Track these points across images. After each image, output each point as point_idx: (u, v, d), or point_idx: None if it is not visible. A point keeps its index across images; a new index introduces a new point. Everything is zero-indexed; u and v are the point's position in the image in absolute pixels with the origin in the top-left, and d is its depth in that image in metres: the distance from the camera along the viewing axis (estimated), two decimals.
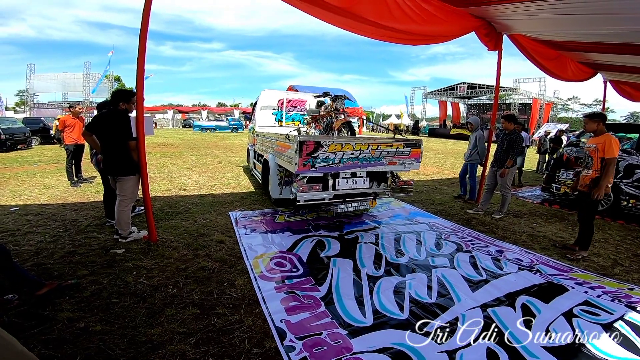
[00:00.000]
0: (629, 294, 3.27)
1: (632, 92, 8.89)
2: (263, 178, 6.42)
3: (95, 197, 6.07)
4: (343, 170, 4.37)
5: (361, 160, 4.39)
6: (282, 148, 4.81)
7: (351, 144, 4.27)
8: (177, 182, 7.69)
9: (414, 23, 4.61)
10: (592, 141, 4.28)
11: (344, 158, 4.25)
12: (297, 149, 3.96)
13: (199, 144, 18.28)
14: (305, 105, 8.47)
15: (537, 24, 5.17)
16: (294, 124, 8.13)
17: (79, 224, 4.60)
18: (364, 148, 4.35)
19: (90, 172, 7.86)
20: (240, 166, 10.58)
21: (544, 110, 32.80)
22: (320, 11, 4.27)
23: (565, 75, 7.33)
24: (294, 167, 4.05)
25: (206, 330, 2.42)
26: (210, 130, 33.26)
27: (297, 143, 3.94)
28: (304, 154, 3.98)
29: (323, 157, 4.10)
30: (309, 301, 2.90)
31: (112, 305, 2.66)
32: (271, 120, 8.12)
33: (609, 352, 2.40)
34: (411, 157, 4.79)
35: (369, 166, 4.50)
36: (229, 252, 3.87)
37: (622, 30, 4.58)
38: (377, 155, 4.49)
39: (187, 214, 5.25)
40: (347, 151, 4.24)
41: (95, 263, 3.41)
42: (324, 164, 4.15)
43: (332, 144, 4.13)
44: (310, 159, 4.03)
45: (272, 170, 5.46)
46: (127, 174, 4.02)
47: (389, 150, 4.56)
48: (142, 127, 3.85)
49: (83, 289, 2.88)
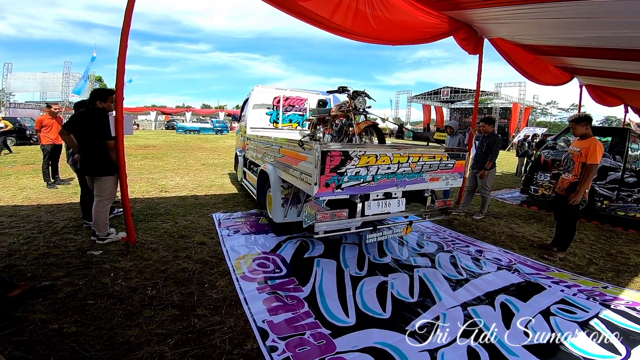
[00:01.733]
0: (603, 292, 3.37)
1: (605, 97, 9.23)
2: (259, 193, 5.19)
3: (72, 198, 5.89)
4: (376, 190, 3.46)
5: (399, 177, 3.51)
6: (290, 159, 3.81)
7: (388, 155, 3.38)
8: (159, 184, 7.54)
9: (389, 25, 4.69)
10: (577, 144, 4.19)
11: (379, 174, 3.35)
12: (317, 163, 2.99)
13: (182, 146, 18.02)
14: (304, 104, 7.31)
15: (517, 28, 5.31)
16: (292, 126, 7.22)
17: (54, 225, 4.45)
18: (404, 160, 3.48)
19: (68, 174, 7.63)
20: (224, 169, 10.46)
21: (523, 114, 33.71)
22: (311, 22, 4.40)
23: (543, 79, 7.56)
24: (313, 188, 3.06)
25: (186, 332, 2.37)
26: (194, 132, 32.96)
27: (317, 154, 2.97)
28: (327, 170, 3.02)
29: (352, 173, 3.17)
30: (292, 301, 2.88)
31: (87, 307, 2.58)
32: (265, 121, 6.93)
33: (586, 350, 2.46)
34: (454, 172, 4.01)
35: (408, 184, 3.63)
36: (211, 254, 3.81)
37: (598, 35, 4.74)
38: (418, 170, 3.65)
39: (167, 216, 5.15)
40: (383, 165, 3.36)
41: (70, 265, 3.30)
42: (353, 183, 3.21)
43: (364, 155, 3.21)
44: (335, 177, 3.09)
45: (274, 187, 4.29)
46: (105, 174, 3.92)
47: (431, 162, 3.73)
48: (121, 126, 3.77)
49: (57, 291, 2.78)
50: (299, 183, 3.54)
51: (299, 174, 3.49)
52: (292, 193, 4.21)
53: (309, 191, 3.21)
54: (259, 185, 5.10)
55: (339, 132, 4.62)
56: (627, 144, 6.07)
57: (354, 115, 4.27)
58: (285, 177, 4.07)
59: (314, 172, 3.04)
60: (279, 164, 4.29)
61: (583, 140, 4.15)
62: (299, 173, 3.49)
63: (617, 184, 6.00)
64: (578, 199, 4.02)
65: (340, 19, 4.34)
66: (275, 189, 4.27)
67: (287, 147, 3.98)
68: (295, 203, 4.27)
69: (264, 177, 4.83)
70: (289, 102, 7.13)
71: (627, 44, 4.79)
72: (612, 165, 6.09)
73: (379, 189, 3.46)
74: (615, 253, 4.62)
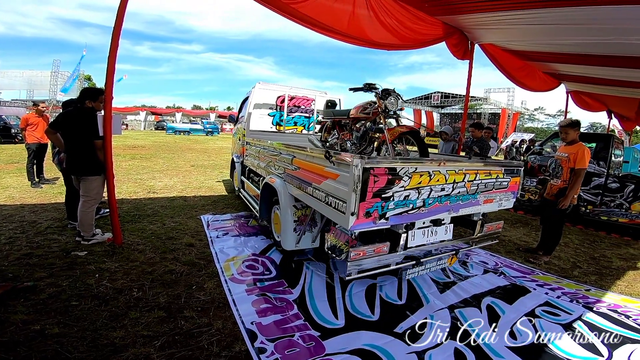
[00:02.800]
0: (586, 295, 3.44)
1: (591, 102, 9.45)
2: (261, 209, 4.30)
3: (57, 198, 5.77)
4: (426, 217, 2.83)
5: (453, 200, 2.89)
6: (308, 174, 3.02)
7: (442, 174, 2.72)
8: (147, 185, 7.44)
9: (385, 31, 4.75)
10: (565, 150, 4.23)
11: (431, 198, 2.71)
12: (356, 184, 2.27)
13: (171, 147, 17.84)
14: (311, 104, 6.53)
15: (507, 34, 5.41)
16: (297, 129, 6.44)
17: (38, 225, 4.35)
18: (459, 179, 2.86)
19: (53, 173, 7.48)
20: (214, 170, 10.38)
21: (511, 120, 34.27)
22: (305, 25, 4.42)
23: (532, 85, 7.72)
24: (348, 219, 2.34)
25: (172, 334, 2.33)
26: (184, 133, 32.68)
27: (357, 172, 2.25)
28: (369, 195, 2.34)
29: (400, 198, 2.51)
30: (281, 303, 2.86)
31: (71, 308, 2.53)
32: (267, 123, 6.15)
33: (569, 352, 2.50)
34: (508, 191, 3.43)
35: (462, 207, 3.02)
36: (199, 256, 3.77)
37: (584, 41, 4.87)
38: (473, 190, 3.04)
39: (155, 217, 5.08)
40: (437, 186, 2.71)
41: (54, 265, 3.23)
42: (400, 211, 2.56)
43: (416, 173, 2.55)
44: (379, 203, 2.42)
45: (284, 206, 3.50)
46: (92, 174, 3.86)
47: (487, 181, 3.14)
48: (109, 126, 3.74)
49: (40, 292, 2.72)
50: (323, 208, 2.74)
51: (322, 195, 2.72)
52: (308, 215, 3.44)
53: (341, 222, 2.47)
54: (263, 201, 4.24)
55: (361, 138, 3.95)
56: (610, 150, 6.21)
57: (384, 118, 3.56)
58: (299, 195, 3.29)
59: (350, 196, 2.29)
60: (290, 179, 3.50)
61: (571, 145, 4.20)
62: (322, 195, 2.72)
63: (601, 190, 6.14)
64: (567, 204, 4.09)
65: (336, 21, 4.37)
66: (286, 209, 3.48)
67: (305, 158, 3.16)
68: (311, 226, 3.47)
69: (269, 191, 4.06)
70: (294, 102, 6.33)
71: (613, 50, 4.93)
72: (596, 171, 6.23)
73: (430, 216, 2.82)
74: (598, 257, 4.73)
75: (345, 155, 2.42)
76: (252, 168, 5.37)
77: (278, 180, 3.79)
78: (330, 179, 2.63)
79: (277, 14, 4.19)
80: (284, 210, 3.51)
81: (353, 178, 2.26)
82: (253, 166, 5.26)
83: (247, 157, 5.76)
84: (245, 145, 5.83)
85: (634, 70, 5.47)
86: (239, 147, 6.41)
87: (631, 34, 4.20)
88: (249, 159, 5.56)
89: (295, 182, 3.34)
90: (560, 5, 3.89)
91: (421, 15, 4.95)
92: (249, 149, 5.64)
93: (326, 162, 2.67)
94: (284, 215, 3.50)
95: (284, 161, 3.68)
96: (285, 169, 3.65)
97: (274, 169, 4.05)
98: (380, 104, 3.53)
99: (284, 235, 3.52)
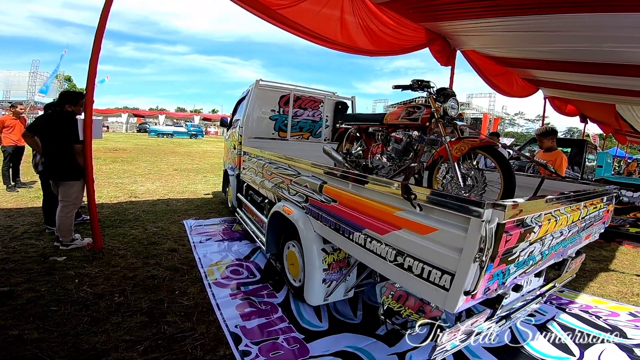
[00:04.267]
0: (559, 296, 3.58)
1: (566, 107, 9.80)
2: (269, 241, 3.44)
3: (34, 202, 5.62)
4: (535, 272, 2.18)
5: (565, 244, 2.17)
6: (361, 215, 2.07)
7: (563, 213, 1.93)
8: (128, 189, 7.31)
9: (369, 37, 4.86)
10: (543, 156, 4.26)
11: (549, 247, 1.94)
12: (481, 250, 1.38)
13: (154, 150, 17.54)
14: (318, 107, 5.63)
15: (487, 40, 5.58)
16: (302, 136, 5.62)
17: (14, 230, 4.23)
18: (576, 217, 2.13)
19: (30, 177, 7.28)
20: (197, 174, 10.27)
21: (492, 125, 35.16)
22: (291, 31, 4.41)
23: (510, 91, 7.97)
24: (455, 300, 1.50)
25: (155, 338, 2.32)
26: (167, 135, 32.15)
27: (487, 230, 1.37)
28: (496, 261, 1.49)
29: (525, 255, 1.72)
30: (265, 307, 2.88)
31: (50, 313, 2.48)
32: (268, 128, 5.31)
33: (543, 352, 2.60)
34: (602, 222, 2.70)
35: (569, 249, 2.39)
36: (182, 261, 3.74)
37: (560, 48, 5.05)
38: (582, 226, 2.31)
39: (137, 222, 5.01)
40: (556, 231, 1.92)
41: (31, 270, 3.16)
42: (520, 272, 1.82)
43: (545, 217, 1.76)
44: (501, 270, 1.62)
45: (309, 249, 2.65)
46: (72, 178, 3.80)
47: (593, 214, 2.43)
48: (89, 130, 3.70)
49: (17, 297, 2.66)
50: (392, 271, 1.84)
51: (390, 252, 1.81)
52: (341, 260, 2.68)
53: (437, 301, 1.62)
54: (270, 231, 3.37)
55: (403, 152, 3.02)
56: (584, 155, 6.45)
57: (443, 127, 2.59)
58: (337, 241, 2.35)
59: (465, 268, 1.44)
60: (319, 213, 2.51)
61: (549, 152, 4.30)
62: (389, 251, 1.82)
63: None
64: None
65: (321, 28, 4.41)
66: (311, 253, 2.62)
67: (349, 189, 2.21)
68: (346, 274, 2.70)
69: (280, 221, 3.19)
70: (299, 103, 5.45)
71: (587, 57, 5.15)
72: (571, 175, 6.47)
73: (540, 268, 2.15)
74: None
75: (458, 200, 1.51)
76: (253, 186, 4.35)
77: (297, 211, 2.84)
78: (409, 230, 1.72)
79: (264, 20, 4.22)
80: (309, 253, 2.64)
81: (476, 239, 1.38)
82: (254, 183, 4.22)
83: (245, 171, 4.73)
84: (243, 156, 4.83)
85: (607, 77, 5.71)
86: (234, 157, 5.33)
87: (604, 42, 4.38)
88: (248, 174, 4.51)
89: (329, 221, 2.36)
90: (536, 12, 4.03)
91: (406, 22, 5.08)
92: (247, 160, 4.62)
93: (407, 203, 1.72)
94: (309, 260, 2.64)
95: (307, 186, 2.72)
96: (309, 198, 2.68)
97: (289, 193, 3.05)
98: (438, 108, 2.65)
99: (309, 286, 2.65)
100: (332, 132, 5.79)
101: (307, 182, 2.72)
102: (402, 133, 3.08)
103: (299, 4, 4.00)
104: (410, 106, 2.98)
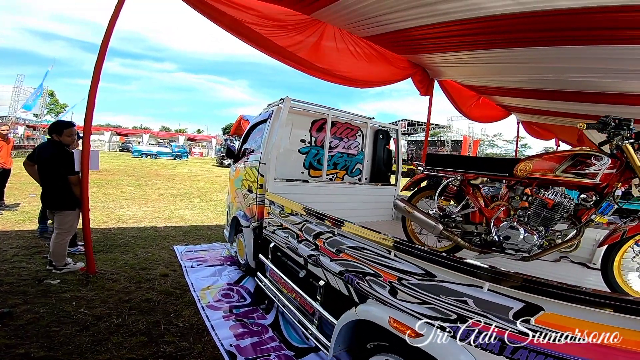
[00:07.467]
0: None
1: (540, 131, 10.48)
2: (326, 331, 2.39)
3: (20, 225, 5.63)
4: None
5: None
6: None
7: None
8: (115, 214, 7.34)
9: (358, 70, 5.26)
10: None
11: None
12: None
13: (138, 172, 17.41)
14: (356, 136, 4.52)
15: (463, 71, 6.12)
16: (338, 175, 4.42)
17: (3, 253, 4.27)
18: None
19: (14, 199, 7.23)
20: (184, 199, 10.33)
21: (472, 147, 36.33)
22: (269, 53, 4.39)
23: (483, 118, 8.60)
24: None
25: (156, 357, 2.46)
26: (150, 156, 31.54)
27: None
28: None
29: None
30: (257, 328, 3.06)
31: (52, 333, 2.59)
32: (297, 164, 4.17)
33: None
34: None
35: None
36: (174, 285, 3.87)
37: (527, 78, 5.63)
38: None
39: (127, 247, 5.09)
40: None
41: (27, 293, 3.24)
42: None
43: None
44: None
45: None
46: (67, 208, 3.93)
47: None
48: (87, 161, 3.79)
49: (17, 318, 2.76)
50: None
51: None
52: None
53: None
54: (341, 339, 2.15)
55: (555, 220, 2.21)
56: None
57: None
58: None
59: None
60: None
61: None
62: None
63: None
64: None
65: (311, 55, 4.63)
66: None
67: None
68: None
69: (366, 332, 2.01)
70: (332, 131, 4.24)
71: (552, 86, 5.72)
72: None
73: None
74: None
75: None
76: (287, 251, 3.09)
77: (438, 338, 1.52)
78: None
79: (248, 44, 4.12)
80: None
81: None
82: (290, 249, 2.96)
83: (272, 227, 3.43)
84: (269, 207, 3.53)
85: (570, 103, 6.34)
86: (249, 203, 4.00)
87: (565, 72, 4.94)
88: (279, 233, 3.24)
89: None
90: (506, 46, 4.51)
91: (390, 54, 5.56)
92: (275, 214, 3.37)
93: None
94: None
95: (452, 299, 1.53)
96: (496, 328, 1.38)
97: (395, 297, 1.79)
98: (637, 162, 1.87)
99: None
100: (371, 171, 4.72)
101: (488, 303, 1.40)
102: (555, 193, 2.22)
103: (293, 36, 4.24)
104: (575, 153, 2.14)
